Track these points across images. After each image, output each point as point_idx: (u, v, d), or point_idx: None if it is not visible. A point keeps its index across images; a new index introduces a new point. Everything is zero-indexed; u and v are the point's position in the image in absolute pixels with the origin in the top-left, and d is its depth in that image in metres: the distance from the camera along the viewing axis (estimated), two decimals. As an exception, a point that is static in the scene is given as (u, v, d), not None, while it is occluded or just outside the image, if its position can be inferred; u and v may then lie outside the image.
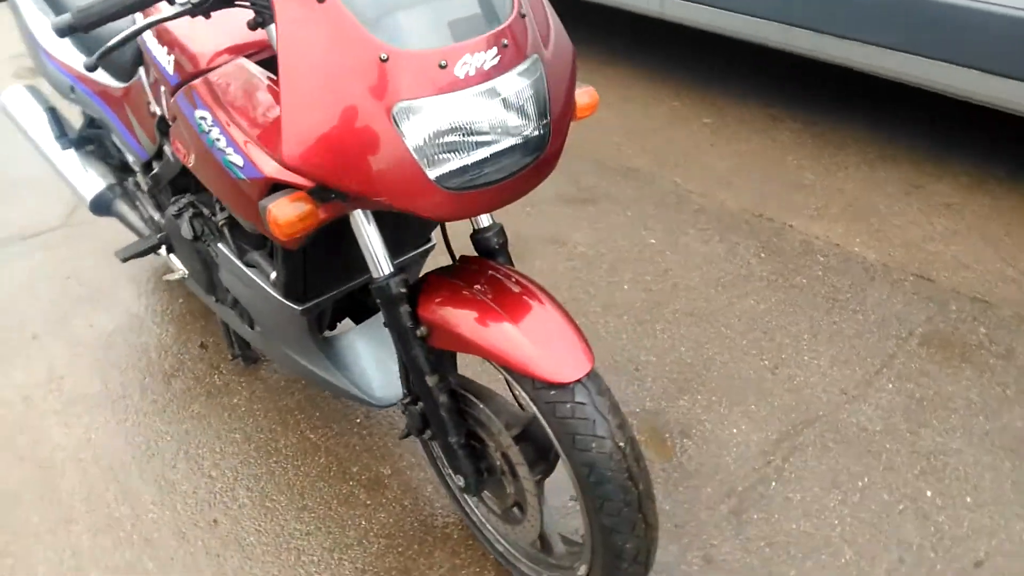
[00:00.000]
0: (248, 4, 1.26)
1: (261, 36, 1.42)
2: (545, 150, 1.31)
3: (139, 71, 1.79)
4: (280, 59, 1.16)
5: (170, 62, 1.52)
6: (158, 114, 1.70)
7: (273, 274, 1.62)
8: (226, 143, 1.35)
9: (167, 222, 1.95)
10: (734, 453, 2.00)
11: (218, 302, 2.00)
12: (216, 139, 1.37)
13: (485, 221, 1.53)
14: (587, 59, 4.21)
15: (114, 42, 1.30)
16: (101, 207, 2.24)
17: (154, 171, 1.95)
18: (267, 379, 2.28)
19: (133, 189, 2.25)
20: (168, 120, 1.60)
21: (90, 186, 2.24)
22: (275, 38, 1.22)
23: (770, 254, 2.69)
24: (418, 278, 1.47)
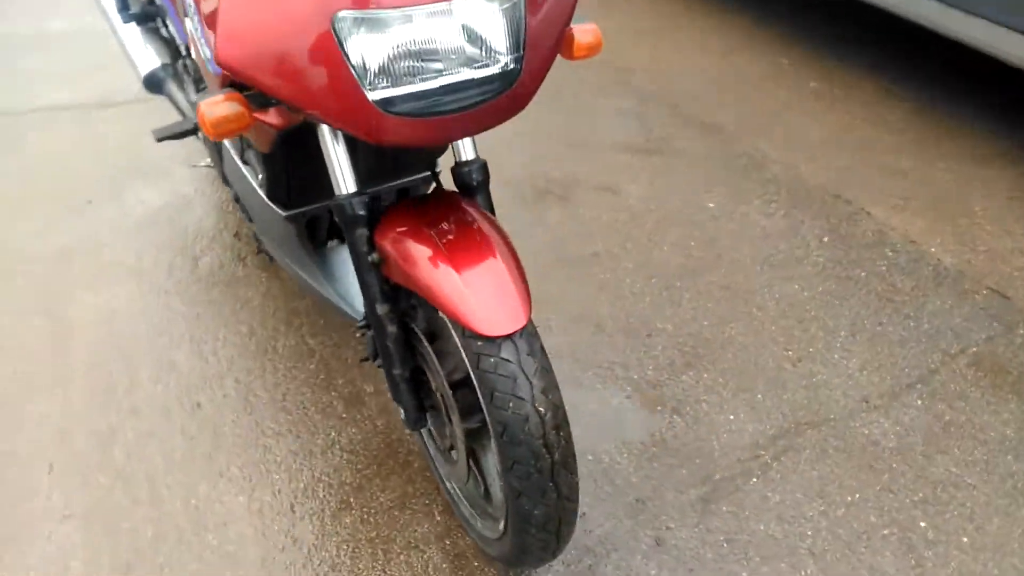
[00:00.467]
0: None
1: None
2: (514, 86, 1.21)
3: None
4: None
5: None
6: None
7: (260, 175, 1.61)
8: (200, 34, 1.32)
9: (195, 108, 1.98)
10: (723, 440, 1.89)
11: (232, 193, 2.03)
12: (196, 27, 1.35)
13: (467, 155, 1.42)
14: (695, 8, 3.96)
15: None
16: (153, 85, 2.29)
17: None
18: (285, 279, 2.32)
19: (182, 71, 2.28)
20: None
21: (145, 62, 2.28)
22: None
23: (835, 239, 2.48)
24: (386, 204, 1.43)
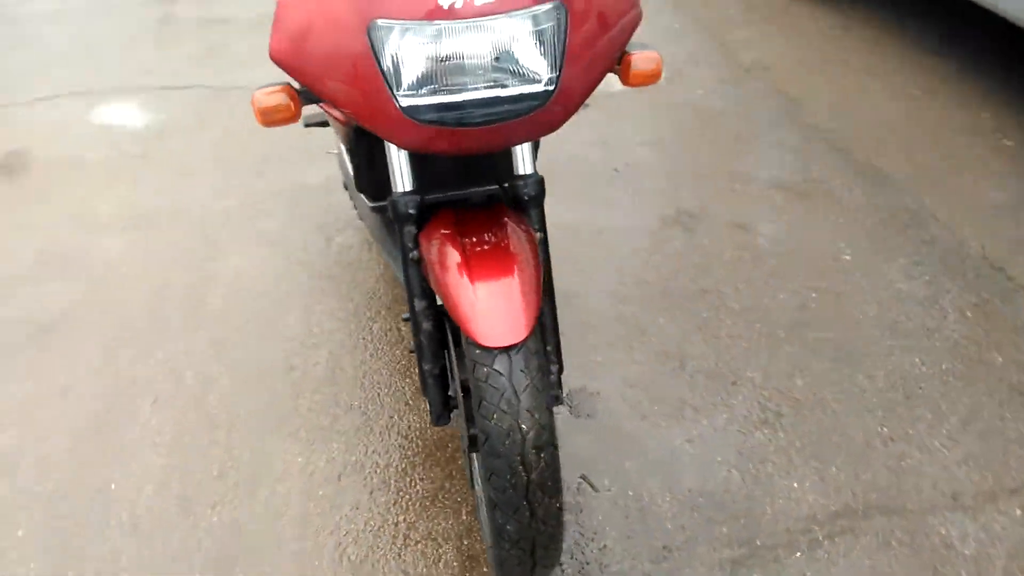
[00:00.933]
0: None
1: None
2: (547, 105, 1.23)
3: None
4: None
5: None
6: None
7: (350, 167, 1.74)
8: None
9: None
10: (777, 506, 1.78)
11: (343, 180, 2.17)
12: None
13: (523, 168, 1.43)
14: (887, 43, 3.67)
15: None
16: None
17: None
18: (402, 266, 2.46)
19: None
20: None
21: None
22: None
23: (980, 316, 2.24)
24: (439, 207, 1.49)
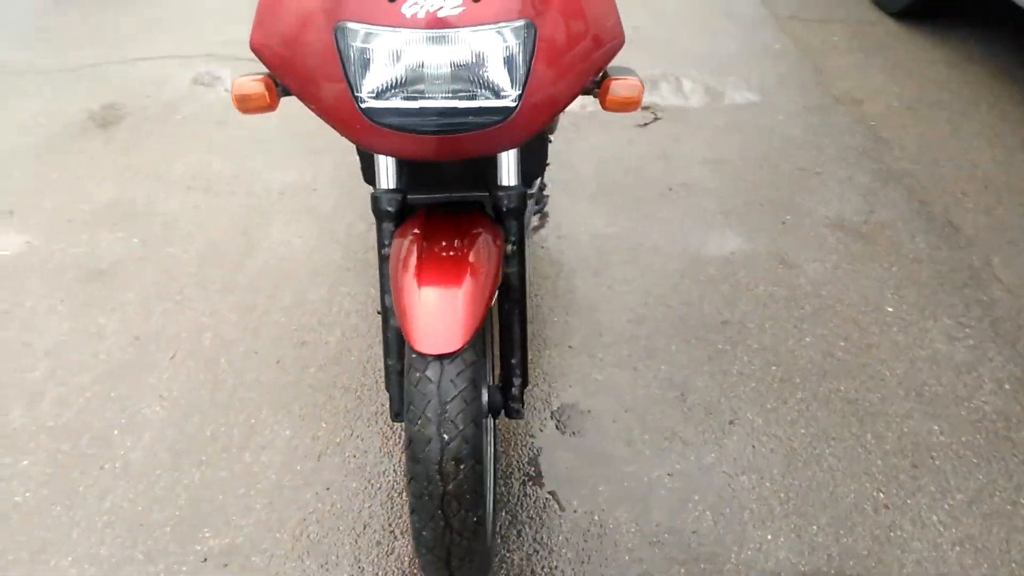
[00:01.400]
0: None
1: None
2: (507, 122, 1.23)
3: None
4: None
5: None
6: None
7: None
8: None
9: None
10: (744, 556, 1.73)
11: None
12: None
13: (505, 179, 1.43)
14: (994, 85, 3.41)
15: None
16: None
17: None
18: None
19: None
20: None
21: None
22: None
23: (1019, 392, 2.08)
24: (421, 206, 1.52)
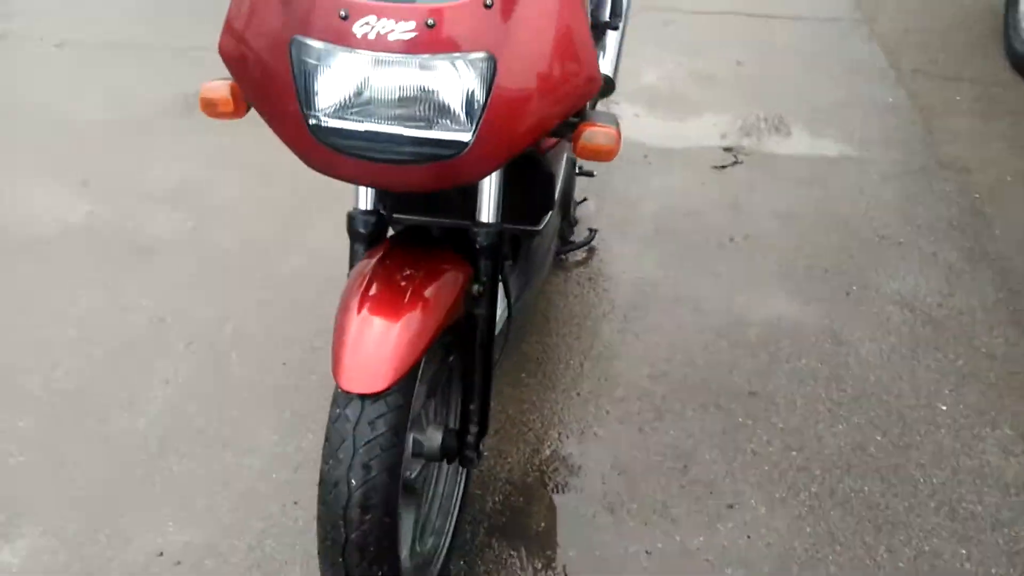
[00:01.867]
0: None
1: None
2: (458, 158, 1.17)
3: None
4: None
5: None
6: None
7: None
8: None
9: None
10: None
11: None
12: None
13: (482, 215, 1.36)
14: None
15: None
16: None
17: None
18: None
19: None
20: None
21: None
22: None
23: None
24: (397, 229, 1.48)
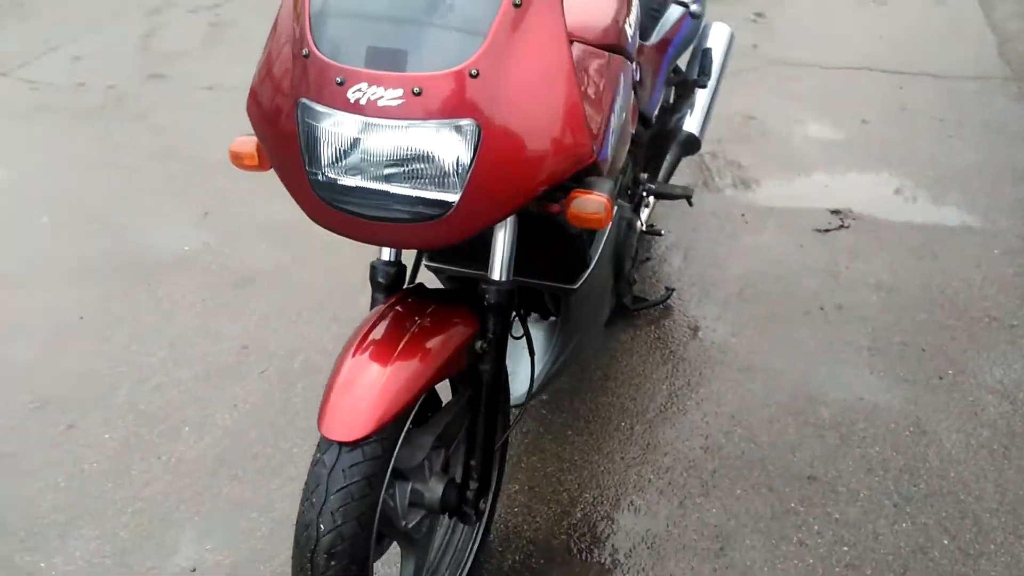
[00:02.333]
0: None
1: None
2: (442, 219, 1.22)
3: None
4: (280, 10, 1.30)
5: None
6: None
7: None
8: None
9: None
10: None
11: None
12: None
13: (493, 273, 1.40)
14: None
15: None
16: None
17: None
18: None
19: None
20: None
21: None
22: None
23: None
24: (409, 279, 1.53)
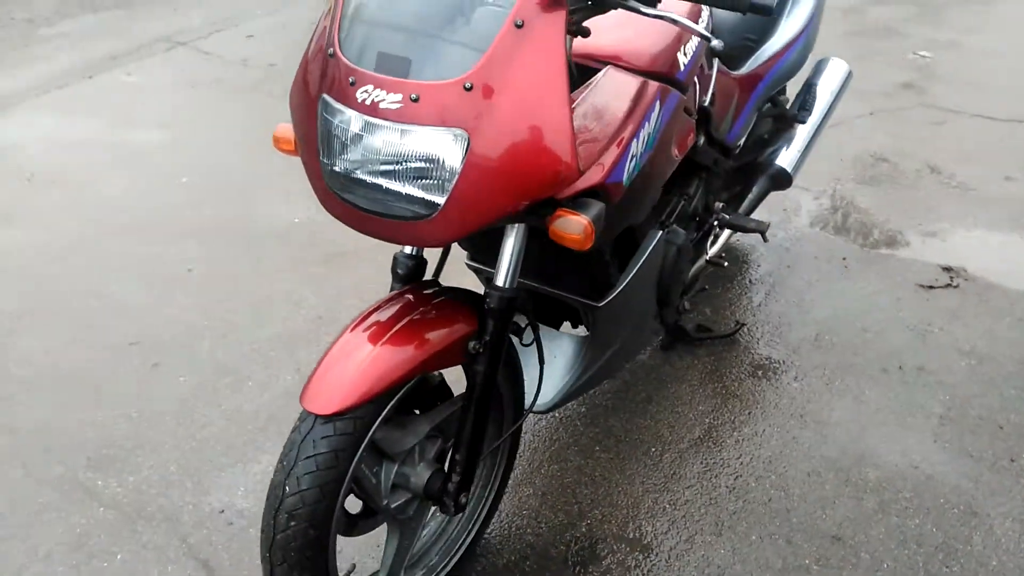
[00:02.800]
0: None
1: None
2: (428, 221, 1.30)
3: None
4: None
5: None
6: None
7: None
8: None
9: None
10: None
11: None
12: None
13: (498, 278, 1.44)
14: None
15: None
16: None
17: None
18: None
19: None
20: None
21: None
22: None
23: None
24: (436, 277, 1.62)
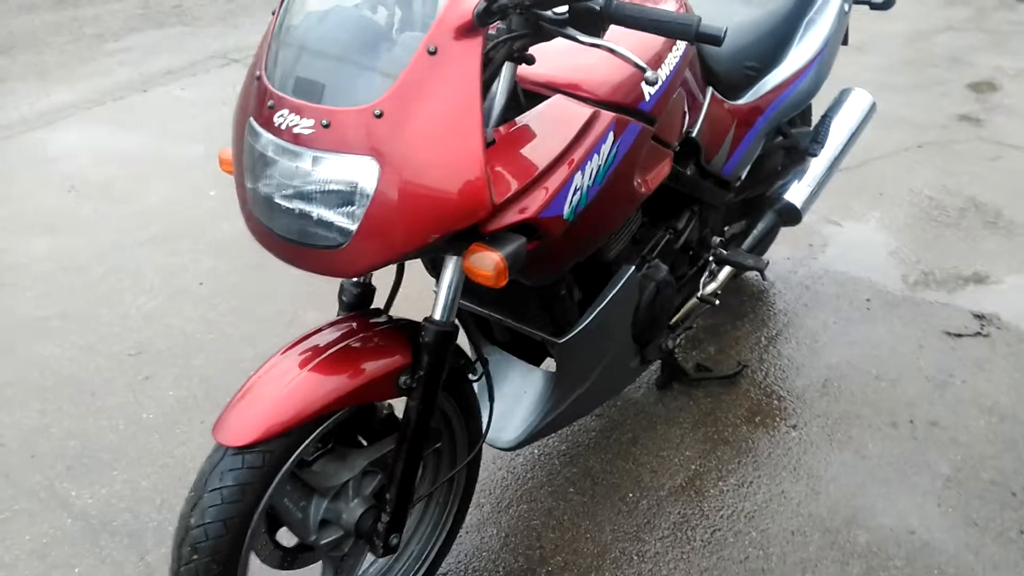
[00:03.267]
0: None
1: None
2: (340, 249, 1.25)
3: None
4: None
5: None
6: None
7: None
8: None
9: None
10: None
11: None
12: None
13: (434, 311, 1.39)
14: None
15: None
16: None
17: None
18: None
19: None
20: None
21: None
22: None
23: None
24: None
